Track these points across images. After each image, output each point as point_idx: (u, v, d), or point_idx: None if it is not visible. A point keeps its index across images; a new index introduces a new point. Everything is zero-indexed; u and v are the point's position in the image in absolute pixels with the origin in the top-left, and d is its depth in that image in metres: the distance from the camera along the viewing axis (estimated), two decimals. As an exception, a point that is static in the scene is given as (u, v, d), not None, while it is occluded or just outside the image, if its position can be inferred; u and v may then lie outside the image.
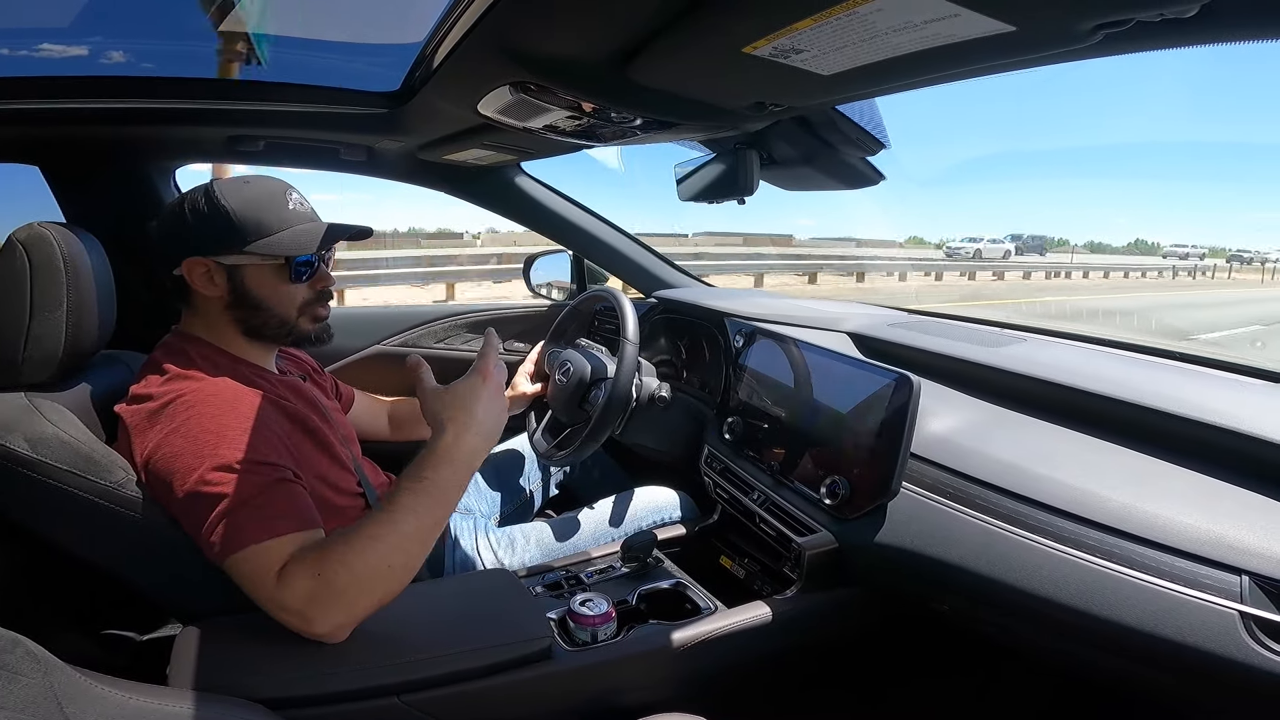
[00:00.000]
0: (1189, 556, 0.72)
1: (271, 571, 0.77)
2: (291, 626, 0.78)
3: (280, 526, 0.80)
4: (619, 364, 1.26)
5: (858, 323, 1.43)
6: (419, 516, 0.80)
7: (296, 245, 0.97)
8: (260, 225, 0.95)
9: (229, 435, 0.84)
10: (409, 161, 1.64)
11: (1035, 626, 0.85)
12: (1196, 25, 0.53)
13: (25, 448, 0.80)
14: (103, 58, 1.14)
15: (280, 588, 0.77)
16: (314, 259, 1.01)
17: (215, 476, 0.81)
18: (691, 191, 1.42)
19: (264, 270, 0.98)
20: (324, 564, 0.77)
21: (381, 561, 0.78)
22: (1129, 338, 1.28)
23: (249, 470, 0.82)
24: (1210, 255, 32.48)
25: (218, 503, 0.80)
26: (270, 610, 0.78)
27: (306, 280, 1.02)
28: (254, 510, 0.80)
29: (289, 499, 0.84)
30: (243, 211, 0.95)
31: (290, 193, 1.00)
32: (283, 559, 0.78)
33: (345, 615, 0.79)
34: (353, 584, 0.77)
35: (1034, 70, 0.71)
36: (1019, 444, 0.97)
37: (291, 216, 0.98)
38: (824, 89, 0.83)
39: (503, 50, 0.82)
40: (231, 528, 0.79)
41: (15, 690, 0.50)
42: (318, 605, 0.77)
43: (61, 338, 0.89)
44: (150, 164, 1.47)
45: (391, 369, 1.82)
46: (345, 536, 0.79)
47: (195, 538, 0.82)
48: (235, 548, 0.78)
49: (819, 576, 1.06)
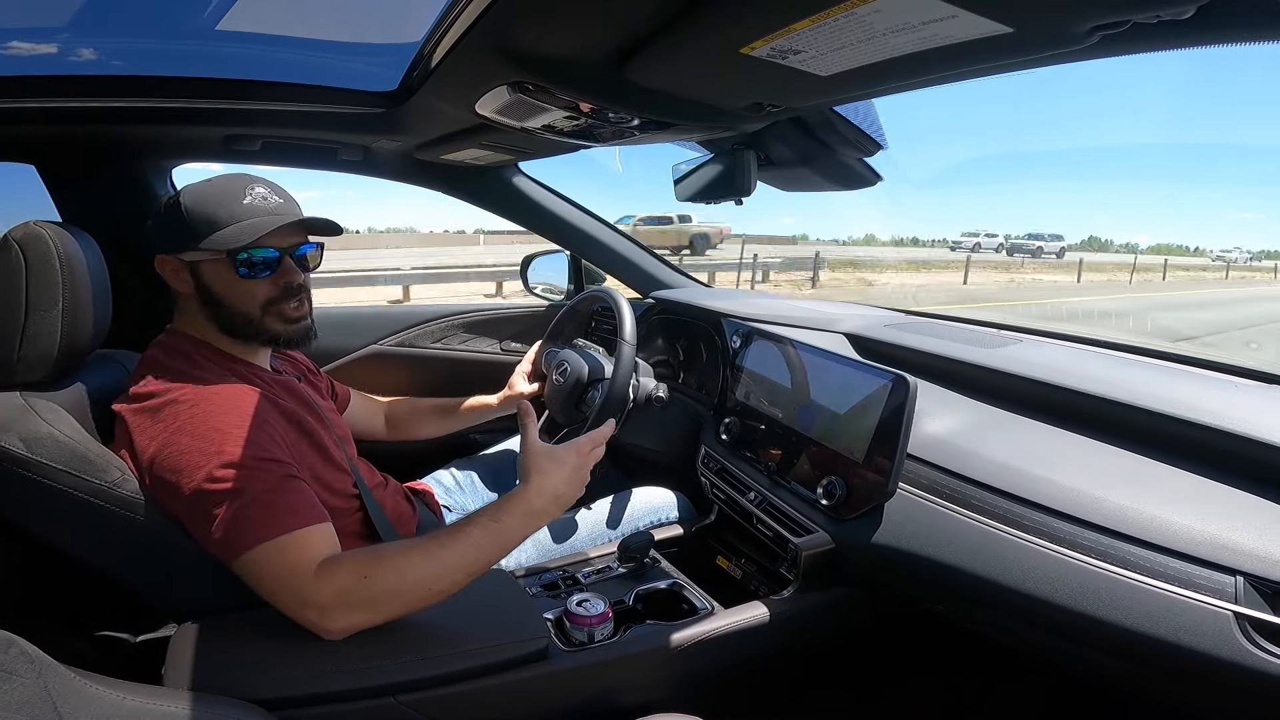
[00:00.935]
0: (1184, 557, 0.73)
1: (307, 564, 0.79)
2: (305, 620, 0.79)
3: (292, 521, 0.81)
4: (616, 364, 1.26)
5: (854, 323, 1.43)
6: (479, 551, 0.84)
7: (234, 239, 0.93)
8: (210, 220, 0.94)
9: (233, 433, 0.84)
10: (406, 161, 1.64)
11: (1031, 627, 0.86)
12: (1193, 27, 0.53)
13: (20, 447, 0.80)
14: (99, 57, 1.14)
15: (318, 580, 0.78)
16: (275, 254, 0.98)
17: (223, 474, 0.81)
18: (689, 192, 1.42)
19: (218, 266, 0.96)
20: (376, 567, 0.80)
21: (430, 580, 0.81)
22: (1124, 339, 1.28)
23: (256, 467, 0.83)
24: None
25: (228, 500, 0.80)
26: (288, 604, 0.79)
27: (267, 276, 0.98)
28: (265, 506, 0.81)
29: (297, 494, 0.85)
30: (195, 208, 0.94)
31: (252, 187, 0.97)
32: (315, 553, 0.80)
33: (368, 619, 0.81)
34: (393, 592, 0.80)
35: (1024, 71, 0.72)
36: (1015, 445, 0.97)
37: (244, 210, 0.95)
38: (822, 90, 0.83)
39: (500, 50, 0.82)
40: (244, 524, 0.80)
41: (10, 690, 0.50)
42: (349, 604, 0.79)
43: (57, 337, 0.88)
44: (146, 163, 1.47)
45: (388, 368, 1.82)
46: (404, 547, 0.83)
47: (202, 535, 0.82)
48: (250, 544, 0.79)
49: (815, 577, 1.06)
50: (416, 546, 0.83)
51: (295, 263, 1.01)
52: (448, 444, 1.60)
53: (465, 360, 1.91)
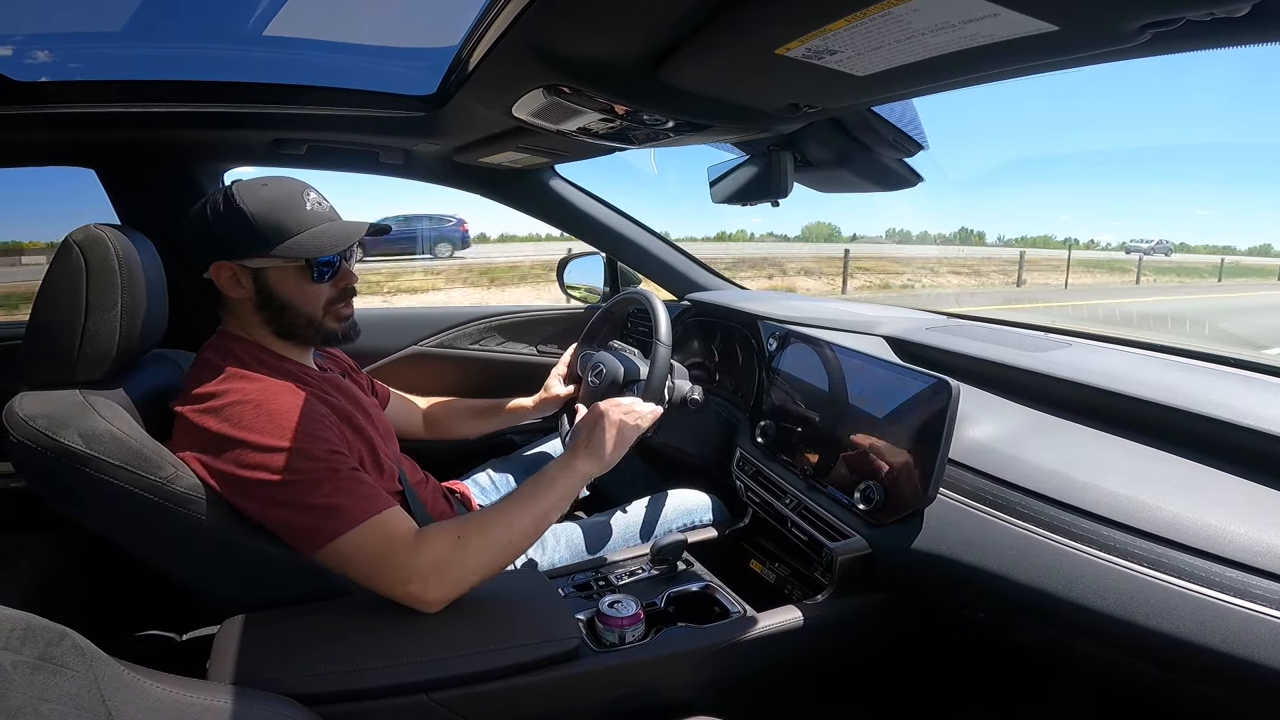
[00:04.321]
0: (1241, 567, 0.70)
1: (402, 537, 0.86)
2: (407, 595, 0.85)
3: (379, 503, 0.87)
4: (651, 366, 1.26)
5: (895, 327, 1.41)
6: (536, 504, 0.95)
7: (317, 247, 0.98)
8: (279, 228, 0.96)
9: (300, 429, 0.87)
10: (445, 164, 1.66)
11: (1076, 635, 0.83)
12: (1248, 25, 0.51)
13: (79, 443, 0.83)
14: (153, 63, 1.18)
15: (416, 551, 0.85)
16: (335, 259, 1.02)
17: (301, 466, 0.85)
18: (725, 194, 1.41)
19: (287, 272, 0.99)
20: (465, 528, 0.89)
21: (503, 536, 0.91)
22: (1180, 342, 1.23)
23: (329, 459, 0.87)
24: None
25: (312, 490, 0.84)
26: (388, 580, 0.85)
27: (329, 280, 1.03)
28: (349, 493, 0.86)
29: (365, 480, 0.89)
30: (261, 214, 0.96)
31: (308, 193, 1.01)
32: (405, 526, 0.87)
33: (458, 585, 0.88)
34: (480, 551, 0.88)
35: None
36: (1062, 450, 0.95)
37: (309, 217, 0.99)
38: (859, 90, 0.82)
39: (536, 53, 0.83)
40: (338, 510, 0.84)
41: (61, 683, 0.51)
42: (445, 571, 0.86)
43: (115, 336, 0.91)
44: (200, 167, 1.52)
45: (428, 369, 1.85)
46: (482, 512, 0.95)
47: (285, 528, 0.85)
48: (343, 528, 0.84)
49: (851, 582, 1.05)
50: (489, 509, 0.94)
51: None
52: (485, 445, 1.62)
53: (502, 361, 1.93)
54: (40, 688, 0.49)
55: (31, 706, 0.47)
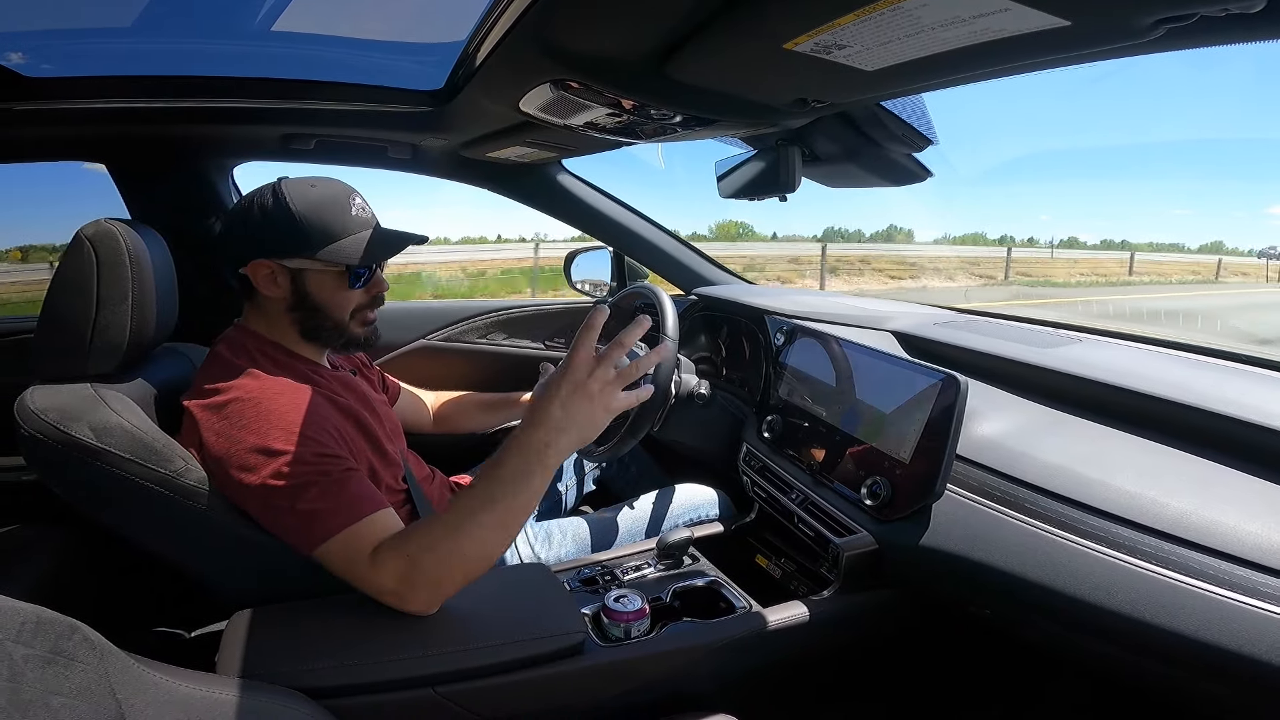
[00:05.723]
0: (1249, 564, 0.70)
1: (364, 554, 0.82)
2: (390, 604, 0.83)
3: (363, 509, 0.85)
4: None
5: (903, 322, 1.40)
6: (494, 503, 0.81)
7: (361, 254, 0.98)
8: (326, 231, 0.96)
9: (298, 430, 0.87)
10: (453, 159, 1.66)
11: (1082, 632, 0.83)
12: (1264, 21, 0.51)
13: (90, 436, 0.83)
14: (163, 58, 1.18)
15: (374, 569, 0.81)
16: (373, 265, 1.03)
17: (288, 470, 0.84)
18: (732, 189, 1.41)
19: (325, 276, 1.00)
20: (409, 544, 0.82)
21: (459, 546, 0.81)
22: (1189, 339, 1.22)
23: (322, 461, 0.86)
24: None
25: (301, 493, 0.83)
26: (369, 591, 0.83)
27: (363, 286, 1.04)
28: (334, 499, 0.84)
29: (359, 484, 0.88)
30: (308, 215, 0.96)
31: (353, 197, 1.01)
32: (372, 542, 0.82)
33: (434, 594, 0.83)
34: (436, 564, 0.81)
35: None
36: (1071, 447, 0.94)
37: (354, 223, 0.99)
38: (868, 85, 0.81)
39: (543, 48, 0.83)
40: (318, 517, 0.83)
41: (72, 676, 0.51)
42: (409, 584, 0.81)
43: (126, 330, 0.92)
44: (209, 162, 1.53)
45: (436, 363, 1.86)
46: (429, 521, 0.84)
47: (277, 528, 0.85)
48: (325, 535, 0.83)
49: (857, 577, 1.05)
50: (437, 519, 0.82)
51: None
52: (491, 439, 1.62)
53: (510, 355, 1.93)
54: (51, 681, 0.49)
55: (43, 700, 0.48)
